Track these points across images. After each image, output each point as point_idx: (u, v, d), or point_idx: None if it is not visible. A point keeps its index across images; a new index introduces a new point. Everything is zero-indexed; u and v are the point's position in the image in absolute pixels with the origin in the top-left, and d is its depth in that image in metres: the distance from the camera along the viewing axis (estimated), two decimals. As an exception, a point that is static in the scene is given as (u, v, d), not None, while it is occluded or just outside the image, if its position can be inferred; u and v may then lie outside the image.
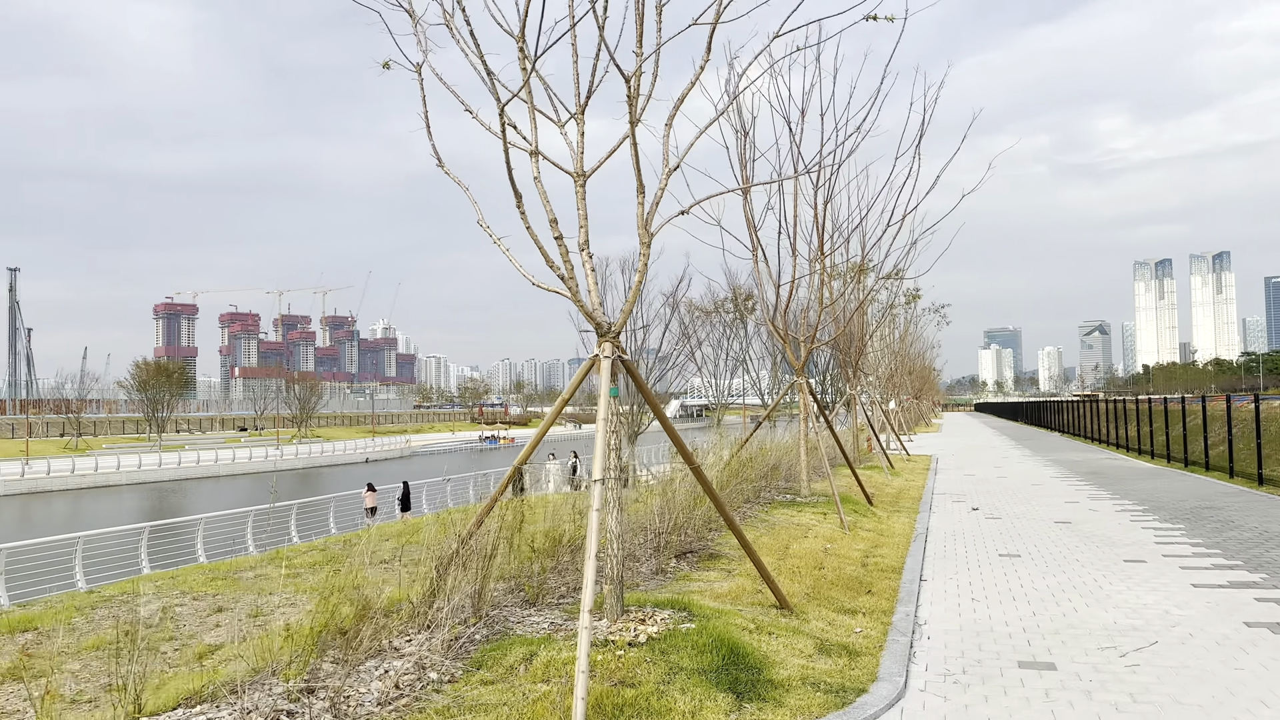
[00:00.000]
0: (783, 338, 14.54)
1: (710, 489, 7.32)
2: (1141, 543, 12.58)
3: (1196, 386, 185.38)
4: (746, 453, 15.21)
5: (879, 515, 14.81)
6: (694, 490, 11.07)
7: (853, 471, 15.86)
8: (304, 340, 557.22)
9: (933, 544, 12.76)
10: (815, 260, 14.35)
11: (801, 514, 13.63)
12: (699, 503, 10.88)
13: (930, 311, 39.11)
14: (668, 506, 10.12)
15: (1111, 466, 26.81)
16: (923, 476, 24.12)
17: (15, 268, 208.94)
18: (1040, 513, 16.22)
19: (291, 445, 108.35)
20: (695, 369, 55.07)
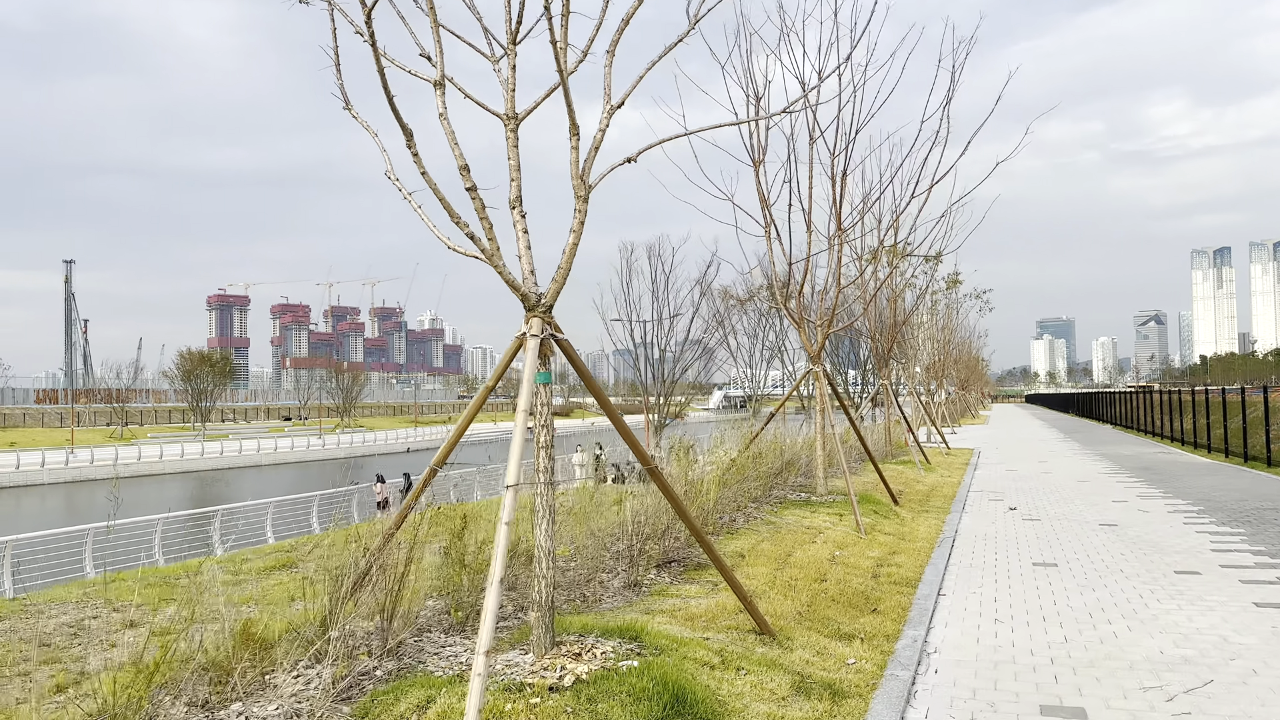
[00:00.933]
0: (796, 322, 13.33)
1: (673, 496, 6.19)
2: (1195, 550, 11.20)
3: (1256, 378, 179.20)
4: (759, 447, 14.03)
5: (902, 517, 13.54)
6: (685, 491, 9.95)
7: (876, 468, 14.60)
8: (353, 331, 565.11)
9: (959, 550, 11.50)
10: (833, 238, 13.11)
11: (815, 515, 12.43)
12: (691, 501, 9.75)
13: (972, 298, 37.35)
14: (650, 509, 9.01)
15: (1165, 461, 25.12)
16: (960, 472, 22.69)
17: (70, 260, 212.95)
18: (1084, 513, 14.82)
19: (334, 435, 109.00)
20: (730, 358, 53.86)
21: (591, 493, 10.20)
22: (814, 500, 13.41)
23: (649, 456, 6.00)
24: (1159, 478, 20.38)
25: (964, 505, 16.04)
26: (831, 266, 13.18)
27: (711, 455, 13.84)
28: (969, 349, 71.56)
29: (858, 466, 20.19)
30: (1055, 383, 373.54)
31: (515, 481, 4.77)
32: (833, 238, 13.02)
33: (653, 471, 6.03)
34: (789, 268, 12.75)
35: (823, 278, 14.17)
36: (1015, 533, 12.90)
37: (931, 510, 15.07)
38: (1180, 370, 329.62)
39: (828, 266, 13.36)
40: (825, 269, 13.94)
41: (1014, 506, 15.83)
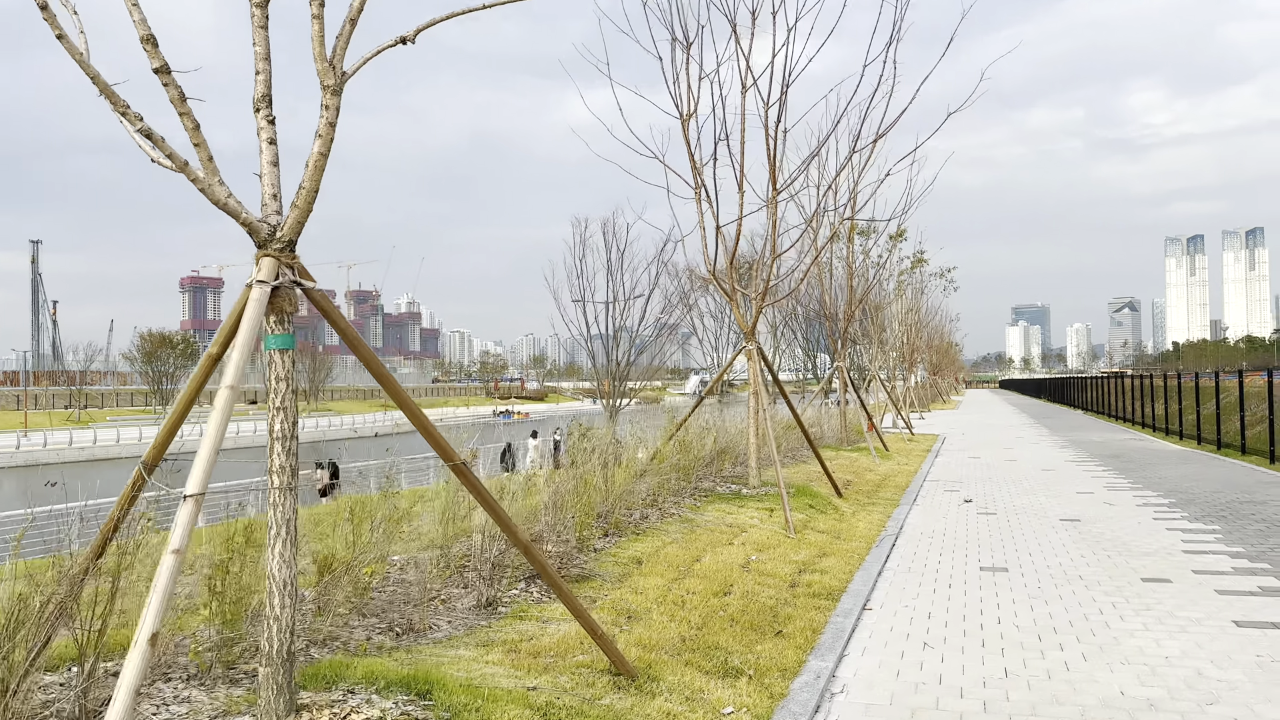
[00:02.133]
0: (728, 295, 11.91)
1: (488, 501, 4.72)
2: (1166, 551, 9.89)
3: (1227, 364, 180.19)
4: (687, 435, 12.61)
5: (843, 511, 12.17)
6: (575, 486, 8.51)
7: (818, 457, 13.21)
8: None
9: (900, 552, 10.13)
10: (770, 201, 11.66)
11: (742, 510, 11.03)
12: (579, 497, 8.31)
13: (937, 277, 36.07)
14: (535, 505, 7.57)
15: (1136, 448, 23.98)
16: (919, 460, 21.40)
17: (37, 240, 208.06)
18: (1046, 506, 13.52)
19: (303, 418, 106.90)
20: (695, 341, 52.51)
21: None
22: (745, 493, 12.01)
23: (453, 452, 4.53)
24: (1128, 466, 19.18)
25: (916, 497, 14.71)
26: (769, 233, 11.74)
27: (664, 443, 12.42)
28: (941, 333, 70.59)
29: (808, 455, 18.84)
30: (1030, 368, 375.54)
31: (198, 490, 3.30)
32: (770, 201, 11.57)
33: (457, 469, 4.56)
34: (715, 232, 11.32)
35: (790, 258, 12.74)
36: (967, 529, 11.57)
37: (879, 503, 13.72)
38: (1153, 357, 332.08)
39: (767, 236, 11.92)
40: (767, 242, 12.50)
41: (970, 498, 14.51)
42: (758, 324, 11.87)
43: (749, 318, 12.01)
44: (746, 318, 12.19)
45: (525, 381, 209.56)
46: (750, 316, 11.99)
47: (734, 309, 11.96)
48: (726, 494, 11.89)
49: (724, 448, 13.55)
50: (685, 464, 11.67)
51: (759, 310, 11.83)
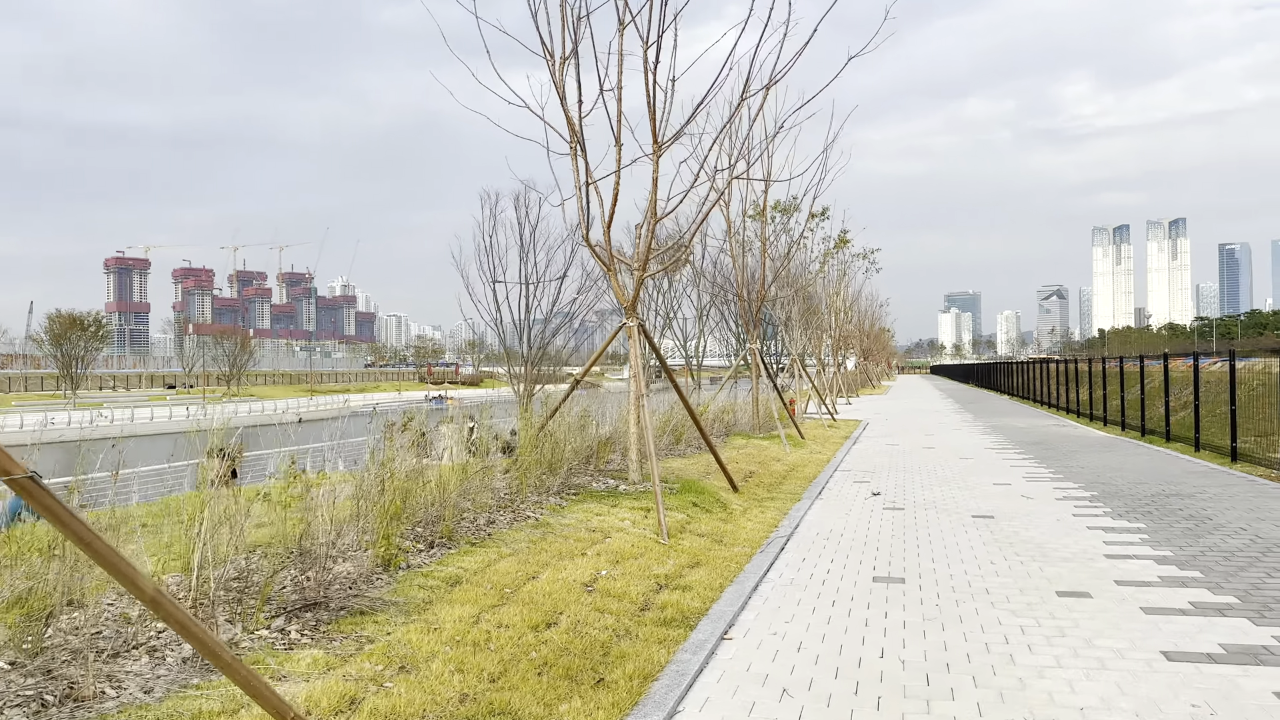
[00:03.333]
0: (605, 264, 10.42)
1: (78, 532, 3.15)
2: (1086, 555, 8.70)
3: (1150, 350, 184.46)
4: (561, 424, 11.10)
5: (734, 510, 10.80)
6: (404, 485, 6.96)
7: (710, 448, 11.82)
8: (260, 297, 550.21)
9: (788, 558, 8.77)
10: (653, 155, 10.18)
11: (615, 511, 9.58)
12: (379, 503, 6.76)
13: (860, 258, 35.08)
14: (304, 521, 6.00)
15: (1059, 435, 23.17)
16: (835, 448, 20.23)
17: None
18: (959, 500, 12.35)
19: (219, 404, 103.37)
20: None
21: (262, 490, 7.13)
22: (622, 491, 10.55)
23: (14, 464, 2.97)
24: (1050, 454, 18.23)
25: (822, 490, 13.43)
26: (655, 196, 10.26)
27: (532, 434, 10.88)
28: (872, 318, 70.22)
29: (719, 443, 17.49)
30: (961, 354, 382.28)
31: None
32: (654, 155, 10.08)
33: (17, 485, 2.99)
34: (585, 189, 9.80)
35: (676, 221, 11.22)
36: (868, 528, 10.28)
37: (779, 498, 12.39)
38: (1080, 343, 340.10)
39: (650, 200, 10.41)
40: (649, 208, 10.97)
41: (878, 491, 13.29)
42: (637, 297, 10.40)
43: (629, 290, 10.54)
44: (626, 290, 10.71)
45: (460, 366, 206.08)
46: (630, 289, 10.53)
47: (611, 279, 10.48)
48: (601, 491, 10.42)
49: (610, 438, 12.09)
50: (553, 458, 10.17)
51: (639, 281, 10.37)
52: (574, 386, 11.37)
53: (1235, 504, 11.50)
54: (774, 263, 24.83)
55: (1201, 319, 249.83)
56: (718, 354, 58.83)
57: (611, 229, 10.19)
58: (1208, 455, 17.74)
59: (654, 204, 10.00)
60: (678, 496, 10.36)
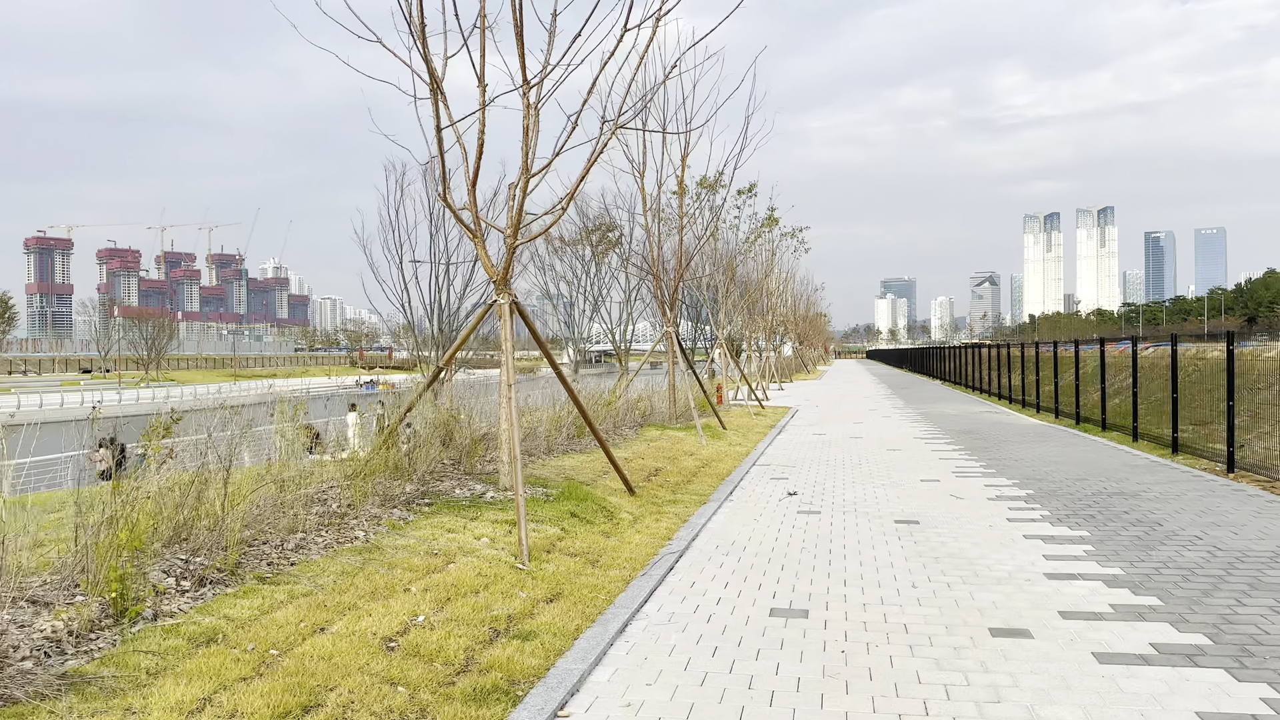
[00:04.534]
0: (469, 229, 8.78)
1: None
2: (1024, 575, 7.37)
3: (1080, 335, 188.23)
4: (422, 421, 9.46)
5: (622, 519, 9.26)
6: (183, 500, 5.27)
7: (600, 443, 10.24)
8: (189, 279, 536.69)
9: (674, 583, 7.27)
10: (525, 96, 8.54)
11: (473, 525, 7.98)
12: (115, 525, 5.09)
13: (788, 237, 33.82)
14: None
15: (991, 423, 22.15)
16: (757, 438, 18.88)
17: None
18: (882, 501, 11.01)
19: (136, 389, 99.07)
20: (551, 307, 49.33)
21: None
22: (489, 499, 8.93)
23: None
24: (982, 445, 17.08)
25: (734, 490, 12.01)
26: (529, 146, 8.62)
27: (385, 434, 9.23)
28: (807, 302, 69.43)
29: (630, 436, 15.97)
30: (896, 339, 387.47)
31: None
32: (522, 93, 8.43)
33: None
34: (440, 135, 8.12)
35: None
36: (777, 539, 8.86)
37: (682, 500, 10.91)
38: (1011, 328, 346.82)
39: (527, 147, 8.76)
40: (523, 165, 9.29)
41: (795, 491, 11.90)
42: (509, 270, 8.76)
43: (499, 262, 8.91)
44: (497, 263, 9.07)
45: (394, 350, 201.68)
46: (501, 260, 8.90)
47: (479, 249, 8.85)
48: (463, 501, 8.79)
49: (487, 434, 10.47)
50: (399, 462, 8.51)
51: (510, 250, 8.75)
52: (435, 376, 9.68)
53: (1185, 505, 10.33)
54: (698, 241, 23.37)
55: (1129, 305, 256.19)
56: (652, 338, 57.40)
57: (476, 188, 8.55)
58: (1146, 446, 16.75)
59: (527, 157, 8.37)
60: (554, 505, 8.79)
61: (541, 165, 8.59)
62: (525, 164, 8.43)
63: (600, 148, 8.55)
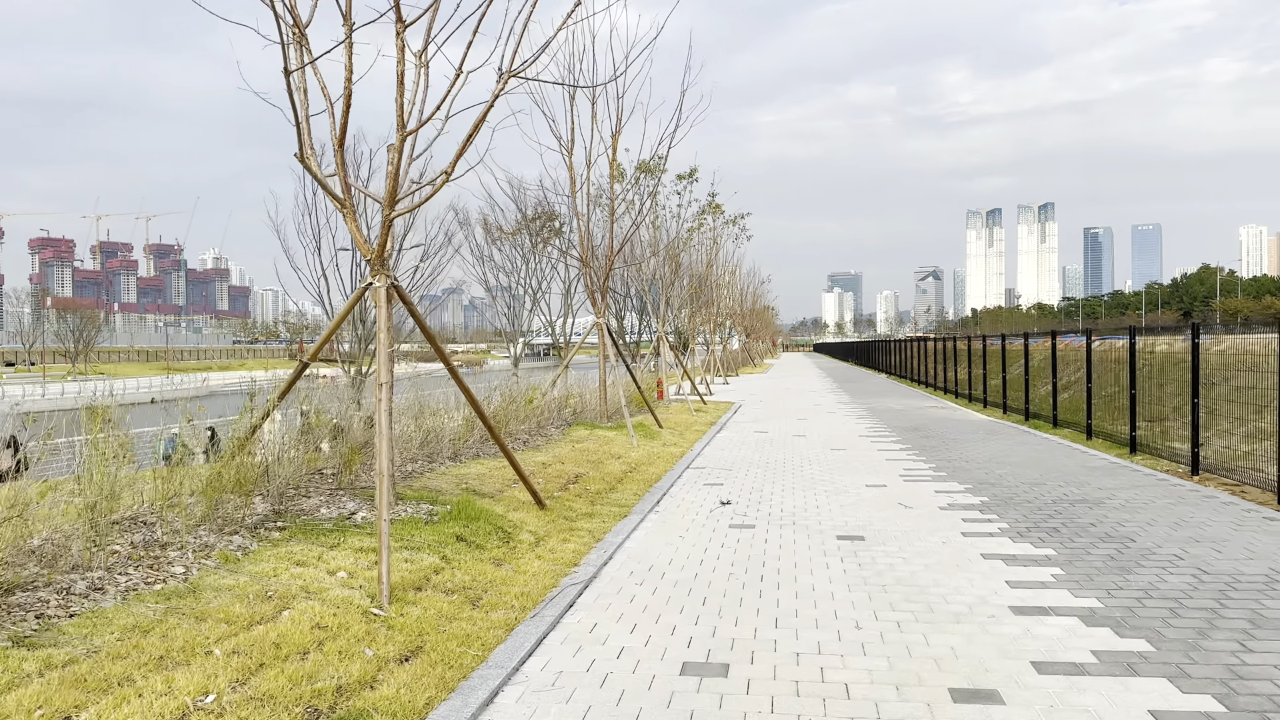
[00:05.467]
0: (338, 200, 7.40)
1: None
2: (986, 608, 6.22)
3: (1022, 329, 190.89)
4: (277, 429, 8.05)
5: (521, 540, 7.93)
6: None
7: (503, 450, 8.88)
8: (125, 269, 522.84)
9: (567, 628, 5.99)
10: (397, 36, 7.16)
11: (332, 554, 6.61)
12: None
13: (730, 224, 32.68)
14: None
15: (939, 419, 21.23)
16: (695, 437, 17.68)
17: None
18: (824, 510, 9.85)
19: (62, 383, 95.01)
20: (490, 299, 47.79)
21: None
22: (360, 520, 7.54)
23: None
24: (930, 444, 16.07)
25: (660, 499, 10.76)
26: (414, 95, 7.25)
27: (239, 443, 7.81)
28: (754, 295, 68.62)
29: (556, 436, 14.61)
30: (843, 333, 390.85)
31: None
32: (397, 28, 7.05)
33: None
34: (289, 78, 6.74)
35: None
36: (702, 561, 7.62)
37: (600, 514, 9.63)
38: (954, 322, 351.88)
39: (413, 102, 7.38)
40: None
41: (728, 500, 10.68)
42: (385, 246, 7.38)
43: (373, 237, 7.53)
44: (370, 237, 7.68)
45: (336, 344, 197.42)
46: (375, 235, 7.52)
47: (349, 222, 7.47)
48: (327, 523, 7.38)
49: (368, 442, 9.08)
50: (240, 478, 7.10)
51: (387, 224, 7.38)
52: (299, 372, 8.26)
53: (1156, 515, 9.32)
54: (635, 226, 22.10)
55: (1068, 299, 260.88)
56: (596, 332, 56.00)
57: (345, 149, 7.16)
58: (1101, 444, 15.88)
59: (403, 108, 7.00)
60: (438, 527, 7.42)
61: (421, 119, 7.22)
62: (401, 119, 7.05)
63: (493, 99, 7.20)
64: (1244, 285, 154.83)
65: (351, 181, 7.67)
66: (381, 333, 7.15)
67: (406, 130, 7.12)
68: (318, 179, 7.23)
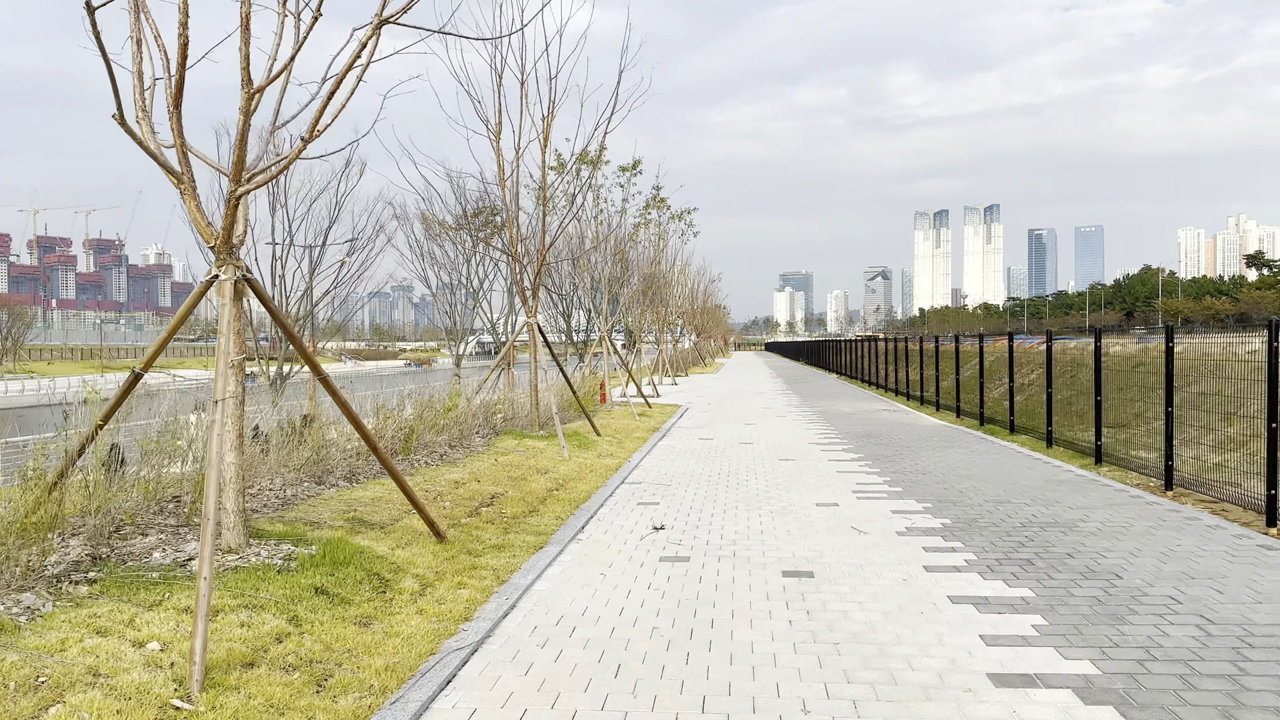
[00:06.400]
0: (173, 173, 6.00)
1: None
2: (961, 680, 5.08)
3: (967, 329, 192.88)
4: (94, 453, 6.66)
5: (403, 588, 6.61)
6: None
7: (391, 472, 7.52)
8: (64, 265, 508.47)
9: (437, 717, 4.73)
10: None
11: (150, 616, 5.26)
12: None
13: (676, 219, 31.50)
14: None
15: (891, 423, 20.26)
16: (634, 446, 16.47)
17: None
18: (769, 536, 8.69)
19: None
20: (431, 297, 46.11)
21: None
22: (187, 570, 6.18)
23: None
24: (884, 452, 15.03)
25: (586, 523, 9.52)
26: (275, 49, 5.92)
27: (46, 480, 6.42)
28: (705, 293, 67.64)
29: (481, 446, 13.25)
30: (794, 332, 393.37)
31: None
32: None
33: None
34: (89, 11, 5.39)
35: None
36: (623, 610, 6.40)
37: (510, 546, 8.34)
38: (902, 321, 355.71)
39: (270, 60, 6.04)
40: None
41: (662, 525, 9.47)
42: (231, 230, 6.03)
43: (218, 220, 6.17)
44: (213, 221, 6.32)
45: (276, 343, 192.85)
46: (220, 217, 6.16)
47: (187, 200, 6.10)
48: (154, 571, 5.97)
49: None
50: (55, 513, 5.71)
51: (233, 201, 6.02)
52: (132, 384, 6.86)
53: (1139, 544, 8.28)
54: (575, 218, 20.84)
55: (1013, 299, 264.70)
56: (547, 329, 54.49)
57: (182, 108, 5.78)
58: (1063, 453, 14.97)
59: (248, 59, 5.66)
60: (292, 577, 6.06)
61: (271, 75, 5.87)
62: (245, 72, 5.70)
63: (362, 47, 5.88)
64: (1184, 286, 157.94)
65: (202, 154, 6.28)
66: (222, 337, 5.81)
67: (254, 87, 5.77)
68: (143, 146, 5.85)
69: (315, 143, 6.17)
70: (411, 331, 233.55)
